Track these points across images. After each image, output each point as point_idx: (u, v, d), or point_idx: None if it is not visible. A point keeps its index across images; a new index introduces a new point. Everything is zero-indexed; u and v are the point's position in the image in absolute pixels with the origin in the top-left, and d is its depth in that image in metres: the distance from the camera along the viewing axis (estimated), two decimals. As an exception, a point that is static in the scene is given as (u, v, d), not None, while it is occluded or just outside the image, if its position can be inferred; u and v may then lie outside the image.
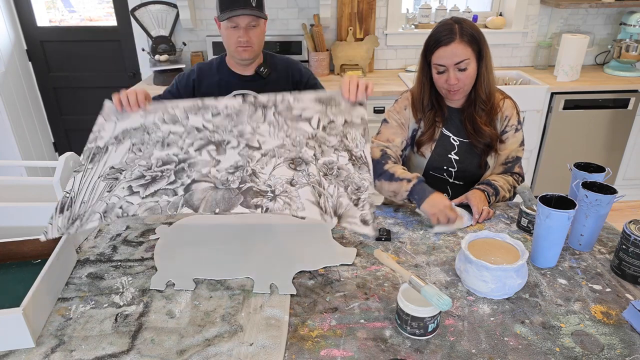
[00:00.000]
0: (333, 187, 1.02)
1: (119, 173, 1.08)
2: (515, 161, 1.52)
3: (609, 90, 2.83)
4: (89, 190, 1.05)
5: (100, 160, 1.13)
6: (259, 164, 1.05)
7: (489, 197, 1.42)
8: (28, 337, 0.91)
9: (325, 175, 1.04)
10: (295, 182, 1.00)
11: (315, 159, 1.07)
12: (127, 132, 1.21)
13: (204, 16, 3.06)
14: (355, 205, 1.00)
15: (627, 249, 1.09)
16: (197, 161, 1.08)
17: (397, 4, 3.08)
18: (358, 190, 1.04)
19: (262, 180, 1.01)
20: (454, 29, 1.36)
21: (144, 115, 1.24)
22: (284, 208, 0.94)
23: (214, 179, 1.02)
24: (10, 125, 3.08)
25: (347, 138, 1.14)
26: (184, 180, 1.02)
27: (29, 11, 3.11)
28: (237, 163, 1.06)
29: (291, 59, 1.73)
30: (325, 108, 1.21)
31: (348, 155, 1.10)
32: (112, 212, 0.96)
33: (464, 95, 1.47)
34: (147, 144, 1.15)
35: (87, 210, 0.99)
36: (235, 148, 1.11)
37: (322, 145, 1.11)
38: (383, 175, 1.44)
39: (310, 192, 0.98)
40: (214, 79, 1.64)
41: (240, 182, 1.00)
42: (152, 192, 1.00)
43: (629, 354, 0.90)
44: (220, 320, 0.99)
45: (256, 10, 1.51)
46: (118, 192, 1.02)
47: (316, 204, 0.96)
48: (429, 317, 0.91)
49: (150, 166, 1.08)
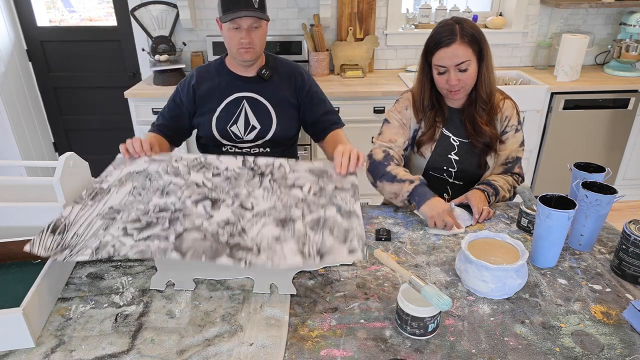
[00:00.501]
0: (319, 235, 1.05)
1: (117, 213, 1.11)
2: (515, 161, 1.52)
3: (609, 90, 2.83)
4: (85, 224, 1.08)
5: (101, 200, 1.17)
6: (249, 223, 1.09)
7: (489, 197, 1.42)
8: (28, 337, 0.91)
9: (311, 228, 1.07)
10: (281, 238, 1.04)
11: (303, 218, 1.11)
12: (131, 175, 1.28)
13: (204, 16, 3.06)
14: (343, 242, 1.02)
15: (627, 249, 1.09)
16: (192, 213, 1.12)
17: (397, 4, 3.08)
18: (346, 232, 1.05)
19: (250, 237, 1.04)
20: (454, 29, 1.36)
21: (149, 161, 1.33)
22: (267, 261, 0.97)
23: (204, 231, 1.06)
24: (10, 125, 3.08)
25: (336, 197, 1.19)
26: (176, 228, 1.06)
27: (29, 11, 3.11)
28: (228, 219, 1.10)
29: (294, 63, 1.71)
30: (317, 179, 1.27)
31: (336, 208, 1.14)
32: (104, 250, 0.99)
33: (464, 95, 1.47)
34: (147, 189, 1.20)
35: (79, 244, 1.01)
36: (229, 206, 1.15)
37: (310, 206, 1.15)
38: (385, 177, 1.45)
39: (294, 243, 1.02)
40: (214, 82, 1.63)
41: (229, 236, 1.04)
42: (145, 236, 1.03)
43: (629, 354, 0.90)
44: (220, 320, 0.99)
45: (259, 12, 1.49)
46: (112, 231, 1.05)
47: (299, 252, 0.99)
48: (429, 317, 0.91)
49: (147, 211, 1.12)
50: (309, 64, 3.04)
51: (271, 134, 1.64)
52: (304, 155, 2.76)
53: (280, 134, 1.65)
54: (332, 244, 1.01)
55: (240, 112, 1.62)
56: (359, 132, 2.77)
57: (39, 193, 1.30)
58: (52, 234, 1.03)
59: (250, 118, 1.62)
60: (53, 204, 1.19)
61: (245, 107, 1.62)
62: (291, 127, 1.68)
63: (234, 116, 1.61)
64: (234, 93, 1.62)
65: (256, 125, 1.62)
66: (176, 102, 1.65)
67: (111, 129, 3.48)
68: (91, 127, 3.48)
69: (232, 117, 1.61)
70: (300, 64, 1.74)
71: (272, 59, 1.67)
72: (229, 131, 1.62)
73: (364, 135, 2.78)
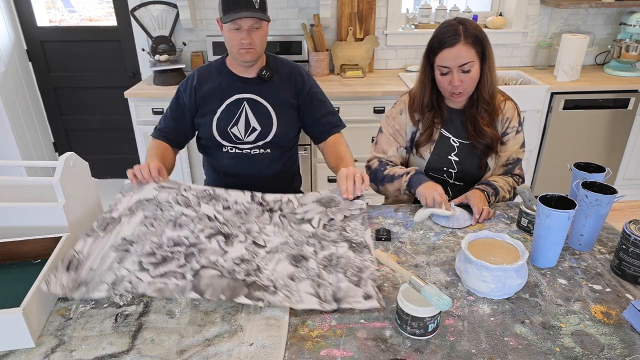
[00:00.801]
0: (332, 276, 1.08)
1: (130, 245, 1.13)
2: (515, 163, 1.53)
3: (609, 90, 2.83)
4: (99, 258, 1.09)
5: (112, 230, 1.19)
6: (264, 260, 1.13)
7: (489, 197, 1.42)
8: (28, 337, 0.91)
9: (325, 267, 1.11)
10: (295, 277, 1.08)
11: (315, 254, 1.15)
12: (141, 203, 1.28)
13: (204, 16, 3.06)
14: (357, 285, 1.05)
15: (627, 249, 1.09)
16: (207, 248, 1.14)
17: (397, 4, 3.08)
18: (359, 272, 1.09)
19: (266, 276, 1.07)
20: (458, 30, 1.36)
21: (158, 188, 1.33)
22: (284, 300, 1.01)
23: (221, 268, 1.08)
24: (10, 125, 3.08)
25: (346, 230, 1.24)
26: (193, 265, 1.08)
27: (29, 11, 3.11)
28: (243, 256, 1.13)
29: (294, 63, 1.70)
30: (325, 209, 1.32)
31: (348, 244, 1.19)
32: (120, 285, 1.00)
33: (466, 96, 1.47)
34: (159, 220, 1.22)
35: (95, 279, 1.02)
36: (243, 242, 1.19)
37: (321, 242, 1.20)
38: (385, 180, 1.51)
39: (309, 285, 1.05)
40: (215, 82, 1.62)
41: (246, 274, 1.07)
42: (162, 273, 1.05)
43: (629, 354, 0.90)
44: (220, 320, 0.99)
45: (259, 12, 1.48)
46: (128, 265, 1.06)
47: (315, 294, 1.03)
48: (429, 317, 0.91)
49: (161, 244, 1.13)
50: (309, 64, 3.04)
51: (271, 135, 1.63)
52: (304, 155, 2.76)
53: (281, 135, 1.64)
54: (347, 287, 1.04)
55: (241, 113, 1.61)
56: (359, 132, 2.77)
57: (39, 193, 1.30)
58: (67, 271, 1.03)
59: (250, 119, 1.61)
60: (53, 204, 1.19)
61: (246, 108, 1.61)
62: (291, 129, 1.68)
63: (234, 117, 1.61)
64: (235, 94, 1.61)
65: (256, 127, 1.62)
66: (179, 104, 1.65)
67: (111, 129, 3.48)
68: (91, 127, 3.48)
69: (232, 119, 1.61)
70: (300, 64, 1.74)
71: (272, 60, 1.66)
72: (229, 132, 1.61)
73: (364, 135, 2.78)
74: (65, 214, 1.19)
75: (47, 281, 0.99)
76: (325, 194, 1.38)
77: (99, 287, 1.00)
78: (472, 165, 1.53)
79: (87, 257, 1.08)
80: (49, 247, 1.11)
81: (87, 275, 1.03)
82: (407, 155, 1.59)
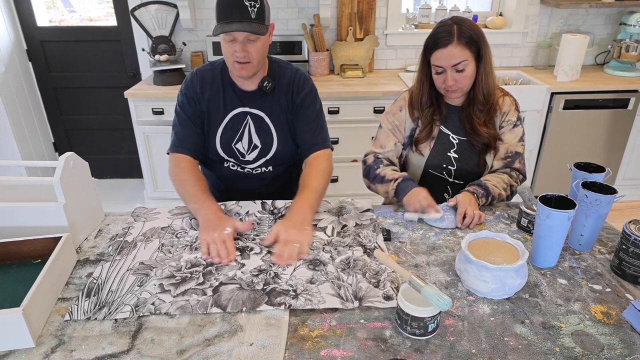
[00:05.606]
0: (352, 277, 1.11)
1: (150, 270, 1.15)
2: (514, 156, 1.51)
3: (609, 90, 2.83)
4: (117, 280, 1.11)
5: (129, 253, 1.21)
6: (280, 267, 1.15)
7: (479, 198, 1.40)
8: (28, 337, 0.91)
9: (343, 270, 1.14)
10: (315, 280, 1.10)
11: (332, 260, 1.18)
12: (155, 230, 1.32)
13: (204, 16, 3.06)
14: (376, 286, 1.08)
15: (627, 249, 1.09)
16: (224, 265, 1.17)
17: (397, 4, 3.08)
18: (377, 274, 1.12)
19: (284, 281, 1.10)
20: (452, 30, 1.36)
21: (172, 217, 1.39)
22: (306, 304, 1.02)
23: (239, 281, 1.11)
24: (10, 125, 3.08)
25: (359, 236, 1.28)
26: (212, 282, 1.10)
27: (29, 11, 3.11)
28: (260, 267, 1.16)
29: (297, 70, 1.54)
30: (337, 218, 1.38)
31: (362, 249, 1.22)
32: (144, 307, 1.02)
33: (463, 94, 1.47)
34: (176, 246, 1.25)
35: (116, 300, 1.04)
36: (258, 254, 1.21)
37: (337, 248, 1.23)
38: (376, 179, 1.51)
39: (329, 287, 1.08)
40: (218, 91, 1.49)
41: (264, 283, 1.09)
42: (183, 291, 1.07)
43: (629, 354, 0.90)
44: (220, 320, 0.99)
45: (255, 23, 1.31)
46: (149, 289, 1.08)
47: (336, 295, 1.05)
48: (429, 317, 0.91)
49: (180, 268, 1.16)
50: (309, 64, 3.03)
51: (272, 152, 1.53)
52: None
53: (282, 152, 1.54)
54: (367, 287, 1.07)
55: (244, 129, 1.51)
56: (359, 132, 2.77)
57: (39, 193, 1.30)
58: (87, 298, 1.05)
59: (252, 136, 1.52)
60: (53, 204, 1.19)
61: (250, 124, 1.51)
62: (292, 145, 1.56)
63: (238, 132, 1.51)
64: (237, 107, 1.50)
65: (257, 144, 1.52)
66: (191, 107, 1.49)
67: (111, 129, 3.48)
68: (91, 127, 3.48)
69: (236, 134, 1.51)
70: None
71: (276, 67, 1.51)
72: (233, 148, 1.52)
73: (364, 135, 2.78)
74: (65, 214, 1.19)
75: (70, 312, 1.01)
76: (334, 204, 1.45)
77: (122, 309, 1.02)
78: (471, 163, 1.52)
79: (106, 280, 1.11)
80: (49, 247, 1.11)
81: (107, 296, 1.06)
82: (403, 153, 1.59)
